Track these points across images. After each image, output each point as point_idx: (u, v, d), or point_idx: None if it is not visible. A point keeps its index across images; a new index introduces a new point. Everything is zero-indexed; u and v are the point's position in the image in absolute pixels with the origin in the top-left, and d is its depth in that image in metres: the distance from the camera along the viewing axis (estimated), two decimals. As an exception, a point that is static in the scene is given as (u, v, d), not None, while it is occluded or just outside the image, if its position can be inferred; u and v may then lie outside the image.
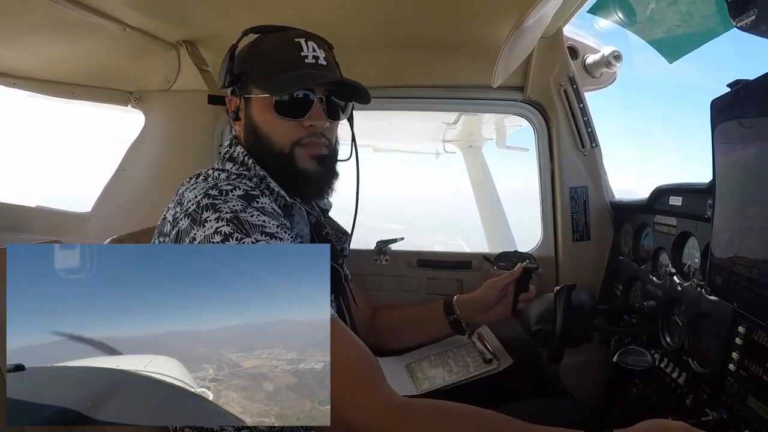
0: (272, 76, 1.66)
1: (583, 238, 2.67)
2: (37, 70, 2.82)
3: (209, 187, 1.47)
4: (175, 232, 1.46)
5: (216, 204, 1.41)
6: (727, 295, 1.52)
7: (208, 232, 1.37)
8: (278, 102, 1.65)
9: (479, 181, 6.44)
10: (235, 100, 1.73)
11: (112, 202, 3.05)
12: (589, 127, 2.65)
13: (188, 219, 1.43)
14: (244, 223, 1.39)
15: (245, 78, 1.69)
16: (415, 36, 2.53)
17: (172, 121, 2.98)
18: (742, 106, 1.42)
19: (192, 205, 1.44)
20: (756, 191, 1.37)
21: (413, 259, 2.82)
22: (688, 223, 1.93)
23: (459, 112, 4.11)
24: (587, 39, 2.79)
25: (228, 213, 1.39)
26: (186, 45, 2.62)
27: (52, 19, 2.14)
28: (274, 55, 1.69)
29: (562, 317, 1.88)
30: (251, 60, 1.71)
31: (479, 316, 2.26)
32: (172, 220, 1.50)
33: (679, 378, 1.78)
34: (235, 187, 1.49)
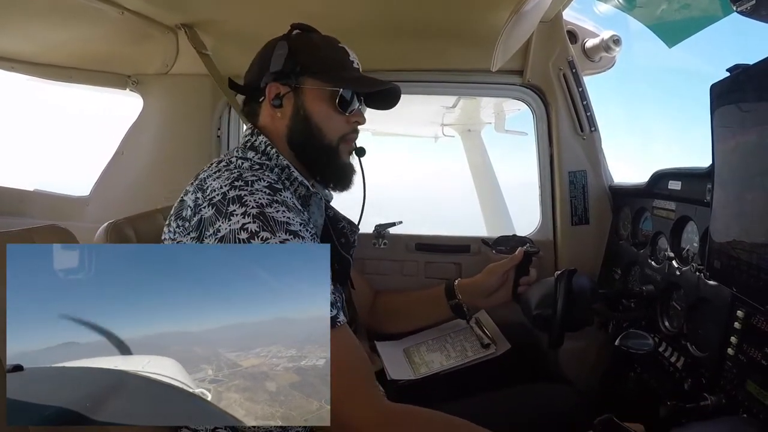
0: (335, 71, 1.74)
1: (582, 222, 2.67)
2: (35, 54, 2.81)
3: (234, 178, 1.47)
4: (198, 219, 1.46)
5: (242, 197, 1.42)
6: (726, 279, 1.53)
7: (234, 226, 1.38)
8: (341, 96, 1.72)
9: (478, 164, 6.44)
10: (281, 88, 1.73)
11: (110, 185, 3.05)
12: (588, 111, 2.65)
13: (213, 209, 1.43)
14: (270, 220, 1.40)
15: (301, 68, 1.72)
16: (414, 21, 2.51)
17: (171, 105, 2.99)
18: (741, 90, 1.42)
19: (217, 195, 1.44)
20: (755, 176, 1.37)
21: (412, 243, 2.82)
22: (687, 208, 1.93)
23: (458, 95, 4.11)
24: (586, 23, 2.78)
25: (254, 208, 1.40)
26: (185, 28, 2.60)
27: (50, 3, 2.13)
28: (329, 52, 1.77)
29: (563, 302, 1.89)
30: (309, 52, 1.74)
31: (481, 301, 2.27)
32: (194, 206, 1.50)
33: (678, 362, 1.78)
34: (259, 178, 1.49)
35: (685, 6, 2.14)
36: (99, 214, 2.91)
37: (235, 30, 2.49)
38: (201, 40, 2.66)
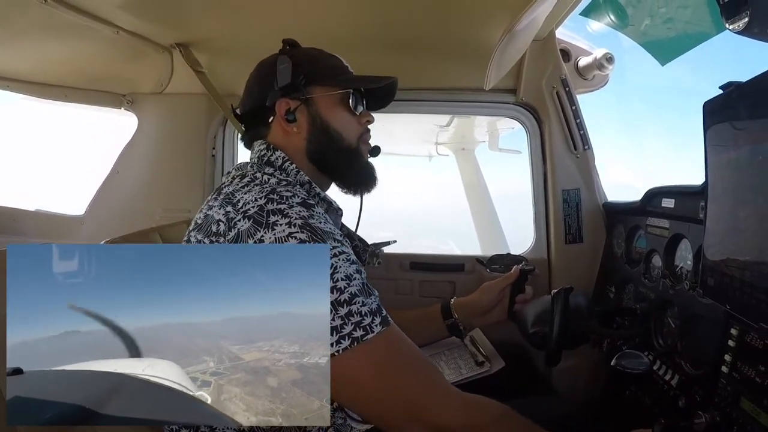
0: (340, 75, 1.76)
1: (576, 241, 2.68)
2: (30, 72, 2.82)
3: (268, 192, 1.43)
4: (234, 233, 1.38)
5: (282, 209, 1.38)
6: (720, 297, 1.53)
7: (280, 234, 1.34)
8: (352, 97, 1.75)
9: (472, 183, 6.45)
10: (291, 103, 1.72)
11: (105, 204, 3.05)
12: (581, 130, 2.66)
13: (250, 221, 1.37)
14: (317, 230, 1.37)
15: (306, 80, 1.71)
16: (407, 38, 2.53)
17: (165, 124, 2.99)
18: (734, 108, 1.43)
19: (252, 207, 1.39)
20: (748, 193, 1.37)
21: (406, 262, 2.82)
22: (681, 225, 1.93)
23: (451, 114, 4.12)
24: (580, 41, 2.80)
25: (298, 219, 1.37)
26: (179, 48, 2.61)
27: (45, 22, 2.14)
28: (327, 61, 1.78)
29: (559, 320, 1.89)
30: (310, 63, 1.75)
31: (476, 319, 2.26)
32: (226, 219, 1.41)
33: (672, 380, 1.78)
34: (294, 194, 1.45)
35: (678, 24, 2.16)
36: (94, 232, 2.91)
37: (229, 47, 2.50)
38: (196, 58, 2.67)
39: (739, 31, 1.21)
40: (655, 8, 2.20)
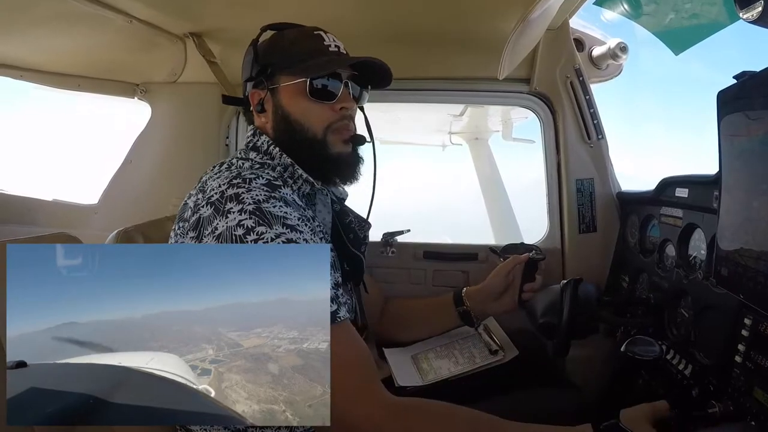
0: (304, 62, 1.70)
1: (590, 230, 2.67)
2: (43, 62, 2.83)
3: (233, 177, 1.47)
4: (196, 218, 1.46)
5: (239, 194, 1.42)
6: (734, 286, 1.52)
7: (231, 223, 1.38)
8: (312, 86, 1.68)
9: (486, 173, 6.43)
10: (260, 93, 1.74)
11: (118, 194, 3.07)
12: (595, 119, 2.65)
13: (211, 207, 1.43)
14: (267, 214, 1.40)
15: (271, 69, 1.71)
16: (421, 30, 2.52)
17: (179, 113, 3.00)
18: (748, 97, 1.41)
19: (215, 193, 1.45)
20: (762, 183, 1.36)
21: (419, 251, 2.82)
22: (695, 215, 1.92)
23: (465, 104, 4.11)
24: (593, 31, 2.78)
25: (251, 204, 1.40)
26: (193, 37, 2.62)
27: (58, 12, 2.14)
28: (299, 45, 1.74)
29: (568, 311, 1.89)
30: (276, 51, 1.74)
31: (487, 307, 2.27)
32: (194, 206, 1.51)
33: (685, 370, 1.78)
34: (258, 176, 1.49)
35: (691, 13, 2.14)
36: (107, 222, 2.93)
37: (242, 37, 2.51)
38: (209, 48, 2.67)
39: (752, 21, 1.20)
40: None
